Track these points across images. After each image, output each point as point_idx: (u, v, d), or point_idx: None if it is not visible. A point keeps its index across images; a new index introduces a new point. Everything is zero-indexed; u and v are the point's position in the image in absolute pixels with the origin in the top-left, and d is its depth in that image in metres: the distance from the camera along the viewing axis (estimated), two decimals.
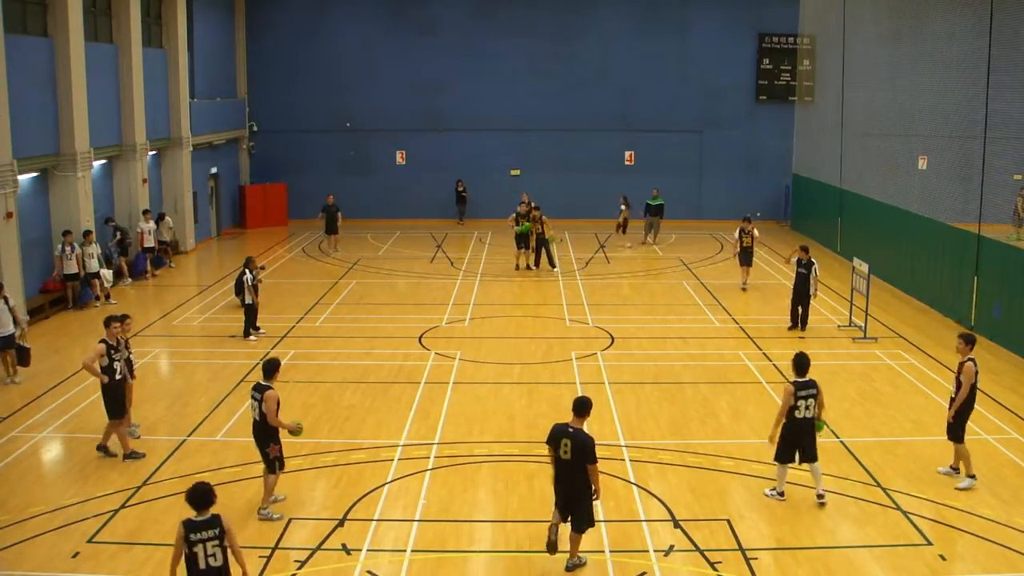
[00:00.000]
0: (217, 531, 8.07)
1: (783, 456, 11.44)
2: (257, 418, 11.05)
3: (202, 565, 8.01)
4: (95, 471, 12.46)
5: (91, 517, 11.09)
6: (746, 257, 23.35)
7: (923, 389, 16.03)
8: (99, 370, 12.71)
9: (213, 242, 31.63)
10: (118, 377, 12.89)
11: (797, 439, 11.33)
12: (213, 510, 8.19)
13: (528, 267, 26.14)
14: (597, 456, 9.56)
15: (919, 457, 13.02)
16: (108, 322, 13.10)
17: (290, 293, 23.18)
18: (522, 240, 26.02)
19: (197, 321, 20.89)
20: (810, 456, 11.40)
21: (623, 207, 31.60)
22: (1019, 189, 23.32)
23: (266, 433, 11.03)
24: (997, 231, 21.68)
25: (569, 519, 9.74)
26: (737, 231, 23.46)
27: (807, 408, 11.26)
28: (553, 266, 26.03)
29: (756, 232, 23.48)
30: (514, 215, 26.32)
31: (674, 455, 13.07)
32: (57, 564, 10.02)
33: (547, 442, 9.80)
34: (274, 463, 11.09)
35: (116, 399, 12.84)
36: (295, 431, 11.18)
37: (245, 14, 34.52)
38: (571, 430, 9.56)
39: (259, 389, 11.05)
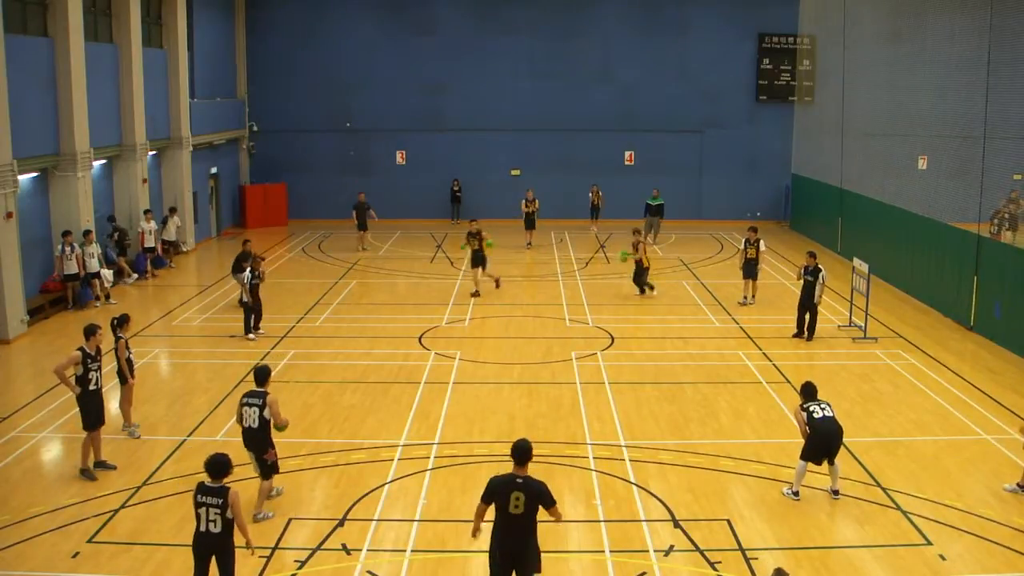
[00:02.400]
0: (221, 501, 8.55)
1: (810, 455, 11.52)
2: (254, 425, 10.95)
3: (202, 527, 8.60)
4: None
5: (91, 517, 11.09)
6: (749, 270, 21.76)
7: (923, 389, 16.02)
8: (71, 379, 12.28)
9: (213, 242, 31.63)
10: (92, 388, 12.41)
11: (825, 442, 11.45)
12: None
13: (476, 293, 22.85)
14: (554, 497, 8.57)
15: (919, 457, 13.03)
16: (90, 332, 12.59)
17: (290, 293, 23.18)
18: (478, 259, 22.84)
19: (197, 321, 20.89)
20: (833, 457, 11.58)
21: (596, 193, 32.25)
22: (1009, 193, 23.29)
23: (265, 439, 10.99)
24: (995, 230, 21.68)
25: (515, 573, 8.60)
26: (743, 241, 22.16)
27: (823, 410, 11.53)
28: (646, 289, 22.92)
29: (763, 245, 21.88)
30: (467, 234, 23.26)
31: (674, 455, 13.07)
32: (57, 564, 10.02)
33: (486, 499, 8.50)
34: (270, 469, 11.07)
35: (91, 410, 12.34)
36: (283, 427, 11.25)
37: (245, 14, 34.50)
38: (519, 480, 8.42)
39: (258, 395, 11.01)
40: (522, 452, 8.53)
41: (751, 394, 15.73)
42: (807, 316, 19.11)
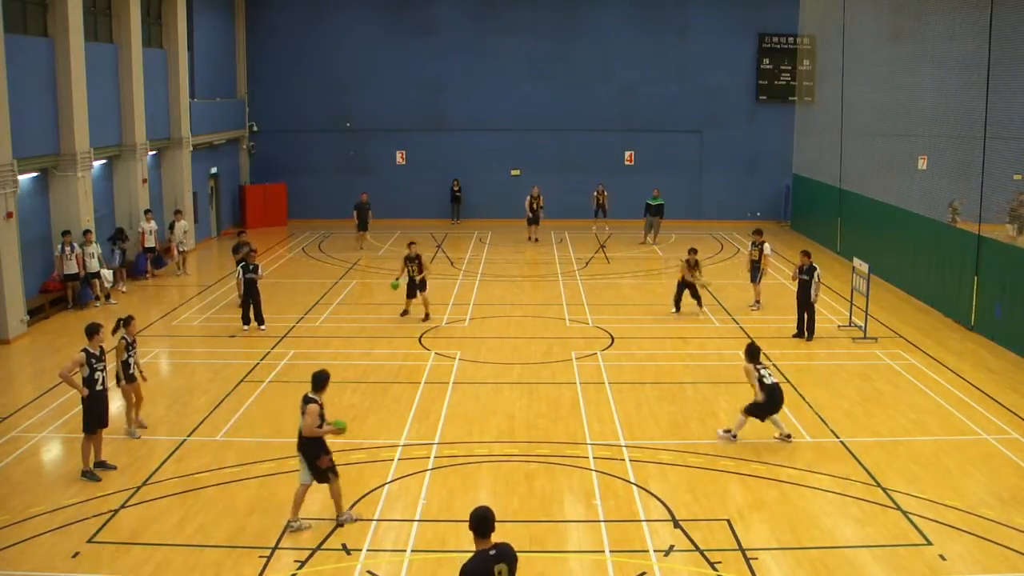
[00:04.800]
0: None
1: (756, 413, 13.38)
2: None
3: None
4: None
5: (91, 517, 11.09)
6: (752, 273, 21.57)
7: (923, 389, 16.02)
8: (79, 382, 12.16)
9: (213, 242, 31.64)
10: (99, 388, 12.34)
11: (774, 406, 13.36)
12: None
13: (408, 312, 20.77)
14: None
15: (919, 457, 13.02)
16: (92, 331, 12.48)
17: (290, 293, 23.18)
18: (411, 289, 20.57)
19: (197, 321, 20.89)
20: (777, 411, 13.47)
21: (602, 192, 32.25)
22: (1017, 194, 23.26)
23: (312, 444, 10.79)
24: (997, 231, 21.68)
25: None
26: (749, 244, 22.04)
27: (770, 375, 13.51)
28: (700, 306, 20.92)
29: (767, 248, 21.45)
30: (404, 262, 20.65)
31: (674, 455, 13.07)
32: (57, 564, 10.02)
33: None
34: (327, 474, 10.82)
35: (94, 413, 12.30)
36: (338, 432, 10.96)
37: (245, 14, 34.52)
38: (493, 553, 7.19)
39: (304, 400, 10.84)
40: (483, 521, 7.20)
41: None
42: (806, 316, 19.13)
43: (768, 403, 13.30)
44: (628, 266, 27.14)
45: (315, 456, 10.81)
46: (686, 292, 20.96)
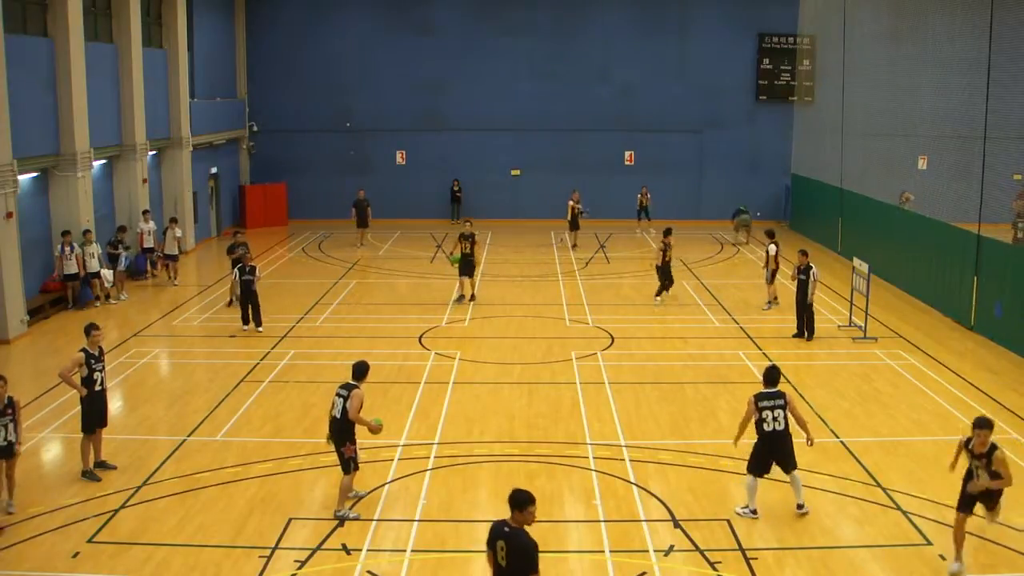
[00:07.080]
0: None
1: (756, 468, 11.15)
2: (338, 415, 11.05)
3: None
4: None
5: (91, 517, 11.09)
6: (769, 273, 21.66)
7: (923, 389, 16.02)
8: (78, 382, 12.15)
9: (213, 242, 31.63)
10: (98, 388, 12.33)
11: (771, 452, 11.08)
12: None
13: (472, 297, 22.23)
14: (539, 567, 7.52)
15: (919, 457, 13.02)
16: (89, 330, 12.42)
17: (290, 293, 23.17)
18: (466, 267, 21.96)
19: (197, 321, 20.89)
20: (788, 467, 11.12)
21: (645, 195, 32.42)
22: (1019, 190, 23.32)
23: (344, 432, 11.03)
24: (997, 231, 21.67)
25: None
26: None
27: (775, 420, 10.98)
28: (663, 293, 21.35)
29: (772, 249, 21.40)
30: (458, 239, 22.00)
31: (674, 455, 13.07)
32: (57, 564, 10.02)
33: (487, 544, 7.80)
34: (348, 463, 11.09)
35: (93, 412, 12.25)
36: (375, 429, 11.21)
37: (245, 14, 34.52)
38: (507, 530, 7.56)
39: (347, 387, 11.10)
40: (516, 500, 7.64)
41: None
42: (805, 316, 19.13)
43: (758, 451, 11.15)
44: (628, 266, 27.14)
45: (342, 443, 11.06)
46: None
